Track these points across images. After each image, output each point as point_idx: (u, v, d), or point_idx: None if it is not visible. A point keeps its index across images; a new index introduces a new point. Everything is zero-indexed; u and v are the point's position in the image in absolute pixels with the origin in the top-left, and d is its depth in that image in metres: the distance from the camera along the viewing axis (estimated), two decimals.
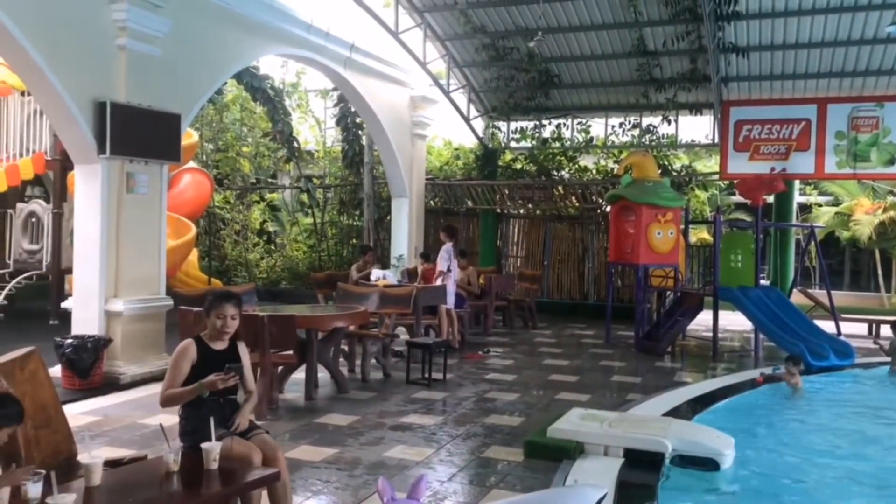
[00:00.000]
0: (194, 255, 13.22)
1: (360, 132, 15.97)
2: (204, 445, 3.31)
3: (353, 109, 15.01)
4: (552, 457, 5.20)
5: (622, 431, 5.30)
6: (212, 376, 3.71)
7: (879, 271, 19.28)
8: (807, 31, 12.07)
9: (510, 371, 8.75)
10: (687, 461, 5.14)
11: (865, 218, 18.25)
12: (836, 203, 19.37)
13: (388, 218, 15.06)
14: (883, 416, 7.24)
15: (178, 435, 3.78)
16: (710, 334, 10.44)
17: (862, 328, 12.53)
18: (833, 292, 12.65)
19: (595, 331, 12.40)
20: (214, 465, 3.28)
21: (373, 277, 10.39)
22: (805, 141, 13.30)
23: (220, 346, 3.97)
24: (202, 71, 8.65)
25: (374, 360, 8.33)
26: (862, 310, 14.99)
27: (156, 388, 4.35)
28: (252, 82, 14.99)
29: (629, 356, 10.16)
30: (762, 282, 11.65)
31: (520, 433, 5.91)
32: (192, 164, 13.14)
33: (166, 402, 3.84)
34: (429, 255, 11.76)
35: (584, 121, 15.67)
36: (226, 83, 14.56)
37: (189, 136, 11.75)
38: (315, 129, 19.48)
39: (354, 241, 16.50)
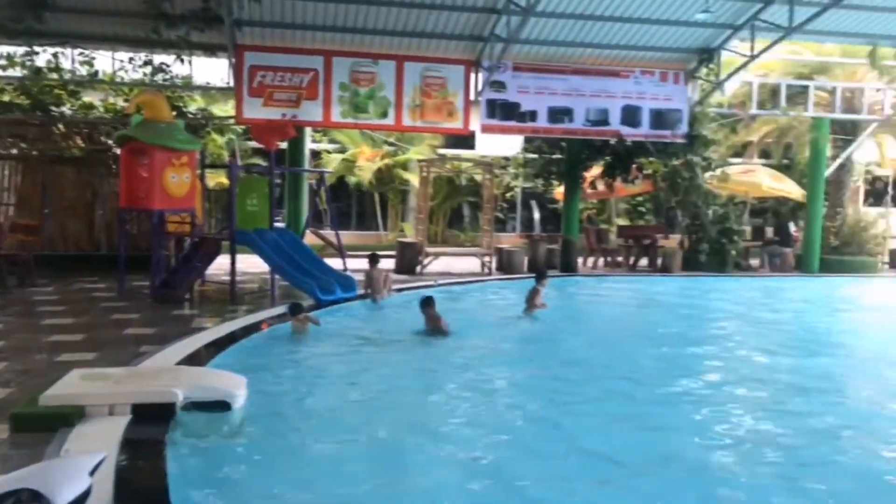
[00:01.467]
0: None
1: None
2: None
3: None
4: (46, 427, 4.58)
5: (129, 387, 4.94)
6: None
7: (379, 212, 21.90)
8: None
9: None
10: (200, 407, 5.04)
11: (367, 164, 20.47)
12: (343, 150, 21.25)
13: None
14: (374, 342, 8.19)
15: None
16: (229, 278, 10.50)
17: (365, 263, 14.01)
18: (341, 232, 13.89)
19: (108, 283, 11.47)
20: None
21: None
22: (314, 90, 14.08)
23: None
24: None
25: None
26: (365, 247, 16.82)
27: None
28: None
29: (145, 307, 9.63)
30: (278, 224, 12.13)
31: (7, 407, 5.07)
32: None
33: None
34: None
35: (86, 52, 14.03)
36: None
37: None
38: None
39: None
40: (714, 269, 16.00)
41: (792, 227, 18.59)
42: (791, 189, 18.60)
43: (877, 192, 23.62)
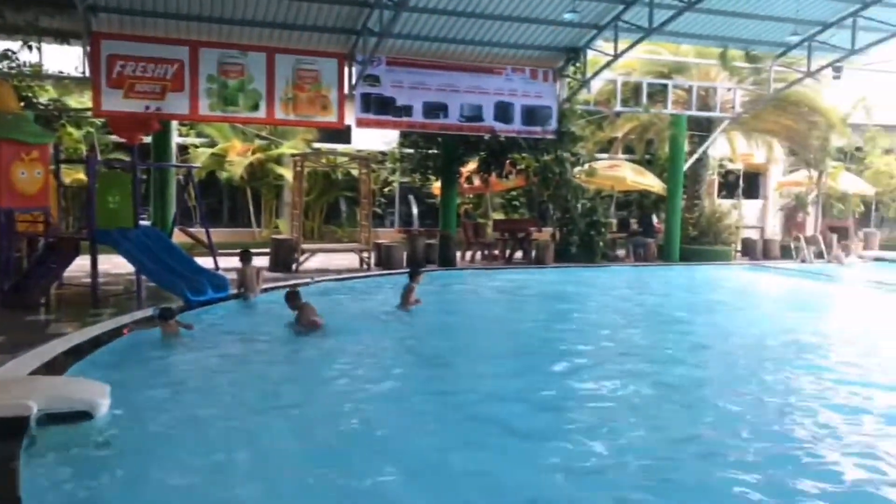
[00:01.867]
0: None
1: None
2: None
3: None
4: None
5: None
6: None
7: (251, 208, 21.25)
8: None
9: None
10: (57, 418, 4.69)
11: (238, 159, 19.78)
12: (213, 144, 20.43)
13: None
14: (248, 343, 7.95)
15: None
16: (90, 280, 9.85)
17: (238, 261, 13.55)
18: (213, 230, 13.35)
19: None
20: None
21: None
22: (179, 82, 13.44)
23: None
24: None
25: None
26: (238, 244, 16.21)
27: None
28: None
29: None
30: (143, 223, 11.52)
31: None
32: None
33: None
34: None
35: None
36: None
37: None
38: None
39: None
40: (584, 259, 16.65)
41: (654, 219, 19.67)
42: (653, 183, 19.62)
43: (729, 185, 25.41)
